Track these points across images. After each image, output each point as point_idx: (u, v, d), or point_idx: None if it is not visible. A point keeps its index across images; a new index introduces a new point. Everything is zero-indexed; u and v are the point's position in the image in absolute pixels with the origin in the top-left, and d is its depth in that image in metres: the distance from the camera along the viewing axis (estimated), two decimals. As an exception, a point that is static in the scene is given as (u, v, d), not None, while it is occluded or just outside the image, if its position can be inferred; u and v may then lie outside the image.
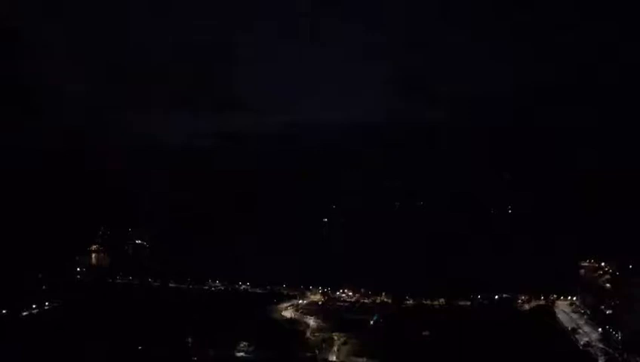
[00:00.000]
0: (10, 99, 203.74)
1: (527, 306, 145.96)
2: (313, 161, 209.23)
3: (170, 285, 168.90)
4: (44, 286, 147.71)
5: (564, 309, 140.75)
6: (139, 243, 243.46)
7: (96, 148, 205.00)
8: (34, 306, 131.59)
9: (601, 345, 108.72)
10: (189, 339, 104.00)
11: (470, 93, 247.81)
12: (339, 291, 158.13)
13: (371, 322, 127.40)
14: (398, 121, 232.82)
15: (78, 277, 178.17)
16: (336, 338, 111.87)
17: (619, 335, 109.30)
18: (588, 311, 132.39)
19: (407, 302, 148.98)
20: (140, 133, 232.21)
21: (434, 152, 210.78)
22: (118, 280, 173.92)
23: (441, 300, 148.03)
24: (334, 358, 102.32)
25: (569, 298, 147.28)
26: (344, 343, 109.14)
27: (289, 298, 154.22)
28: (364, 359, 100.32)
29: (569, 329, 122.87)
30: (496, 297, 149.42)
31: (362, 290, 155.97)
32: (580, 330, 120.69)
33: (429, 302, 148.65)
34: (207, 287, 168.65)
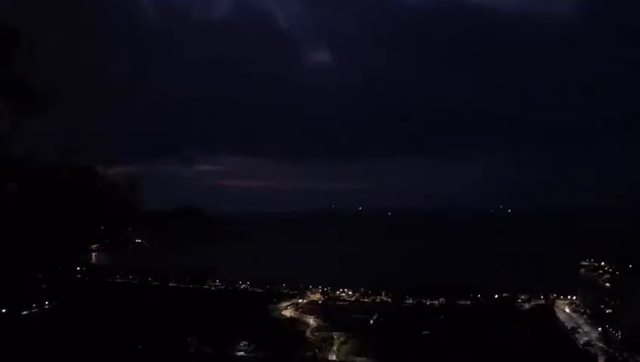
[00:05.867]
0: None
1: (527, 305, 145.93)
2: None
3: (171, 285, 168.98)
4: (43, 286, 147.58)
5: (564, 308, 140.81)
6: (139, 243, 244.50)
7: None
8: (33, 305, 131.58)
9: (600, 344, 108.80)
10: (189, 339, 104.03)
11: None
12: (339, 290, 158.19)
13: (371, 321, 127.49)
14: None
15: (78, 276, 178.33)
16: (336, 337, 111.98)
17: (618, 335, 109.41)
18: (588, 311, 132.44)
19: (407, 302, 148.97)
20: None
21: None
22: (118, 280, 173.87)
23: (441, 299, 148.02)
24: (334, 357, 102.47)
25: (569, 297, 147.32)
26: (344, 342, 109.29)
27: (289, 297, 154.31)
28: (364, 358, 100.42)
29: (569, 328, 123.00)
30: (496, 296, 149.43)
31: (362, 289, 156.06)
32: (580, 329, 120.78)
33: (428, 301, 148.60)
34: (207, 287, 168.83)
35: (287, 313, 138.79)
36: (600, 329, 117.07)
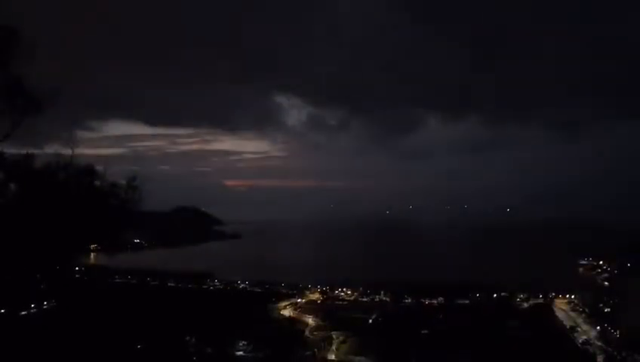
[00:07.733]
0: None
1: (525, 304, 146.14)
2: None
3: (169, 284, 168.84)
4: (42, 286, 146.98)
5: (563, 307, 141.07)
6: (137, 243, 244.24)
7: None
8: (32, 306, 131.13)
9: (599, 343, 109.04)
10: (189, 338, 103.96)
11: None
12: (337, 290, 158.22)
13: (370, 321, 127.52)
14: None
15: (77, 276, 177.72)
16: (335, 337, 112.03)
17: (617, 334, 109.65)
18: (586, 310, 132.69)
19: (406, 301, 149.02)
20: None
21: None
22: (117, 280, 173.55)
23: (440, 299, 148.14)
24: (333, 357, 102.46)
25: (568, 296, 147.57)
26: (343, 342, 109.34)
27: (288, 297, 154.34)
28: (363, 358, 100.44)
29: (567, 327, 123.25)
30: (495, 295, 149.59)
31: (361, 289, 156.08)
32: (579, 328, 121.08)
33: (427, 300, 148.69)
34: (206, 286, 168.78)
35: (286, 312, 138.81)
36: (598, 327, 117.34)
